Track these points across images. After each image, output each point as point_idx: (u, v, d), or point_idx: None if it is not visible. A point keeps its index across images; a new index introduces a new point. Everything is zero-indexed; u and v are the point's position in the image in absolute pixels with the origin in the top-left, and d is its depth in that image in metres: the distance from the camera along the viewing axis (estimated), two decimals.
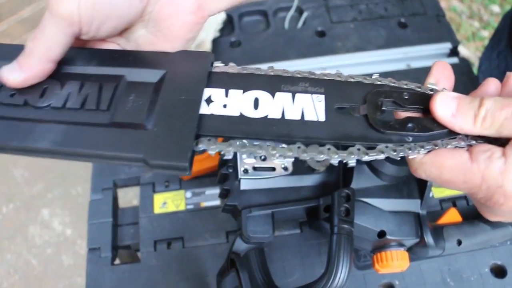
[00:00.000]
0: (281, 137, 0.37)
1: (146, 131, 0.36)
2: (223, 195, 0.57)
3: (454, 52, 0.93)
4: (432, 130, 0.38)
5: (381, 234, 0.57)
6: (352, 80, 0.41)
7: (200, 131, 0.37)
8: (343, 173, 0.59)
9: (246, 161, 0.55)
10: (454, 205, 0.74)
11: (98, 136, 0.37)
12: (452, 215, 0.65)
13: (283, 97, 0.39)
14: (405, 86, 0.40)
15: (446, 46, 0.92)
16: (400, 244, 0.58)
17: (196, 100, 0.37)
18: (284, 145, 0.37)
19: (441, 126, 0.38)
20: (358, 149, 0.37)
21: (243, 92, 0.39)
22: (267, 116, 0.38)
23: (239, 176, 0.55)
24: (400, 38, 0.93)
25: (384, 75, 0.85)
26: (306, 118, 0.38)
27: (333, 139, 0.37)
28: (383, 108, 0.39)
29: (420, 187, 0.59)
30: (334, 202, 0.53)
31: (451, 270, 0.69)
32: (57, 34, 0.38)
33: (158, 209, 0.75)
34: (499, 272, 0.69)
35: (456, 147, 0.38)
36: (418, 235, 0.58)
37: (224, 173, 0.56)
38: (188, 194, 0.76)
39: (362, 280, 0.68)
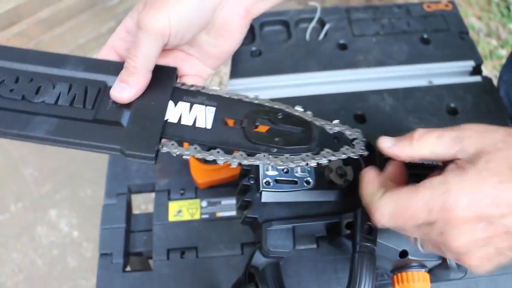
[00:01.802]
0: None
1: (123, 128, 0.44)
2: (243, 207, 0.56)
3: (476, 71, 0.91)
4: (295, 145, 0.47)
5: (403, 254, 0.55)
6: (235, 97, 0.50)
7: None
8: None
9: (269, 173, 0.54)
10: None
11: (84, 129, 0.44)
12: None
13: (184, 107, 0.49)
14: (276, 107, 0.49)
15: (469, 64, 0.91)
16: (422, 265, 0.57)
17: (162, 107, 0.46)
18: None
19: (304, 142, 0.48)
20: (241, 154, 0.46)
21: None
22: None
23: (261, 188, 0.54)
24: (422, 54, 0.92)
25: (405, 91, 0.86)
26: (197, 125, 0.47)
27: (216, 144, 0.46)
28: (256, 123, 0.48)
29: None
30: (357, 219, 0.52)
31: None
32: (153, 48, 0.44)
33: (172, 217, 0.74)
34: None
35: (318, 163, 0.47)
36: (440, 257, 0.56)
37: (245, 185, 0.55)
38: (204, 203, 0.75)
39: None
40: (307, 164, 0.47)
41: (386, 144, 0.47)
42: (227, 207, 0.74)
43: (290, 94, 0.85)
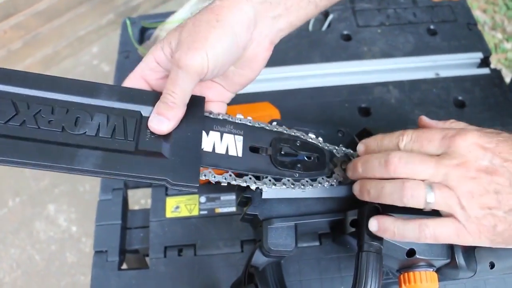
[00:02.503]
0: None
1: (166, 159, 0.46)
2: (242, 203, 0.54)
3: (485, 63, 0.89)
4: (312, 170, 0.52)
5: (411, 253, 0.53)
6: (257, 125, 0.53)
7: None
8: None
9: None
10: None
11: (129, 161, 0.45)
12: None
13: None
14: (293, 134, 0.54)
15: (477, 55, 0.88)
16: (429, 265, 0.55)
17: (198, 137, 0.48)
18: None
19: (320, 168, 0.53)
20: (269, 180, 0.49)
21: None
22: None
23: None
24: (429, 46, 0.89)
25: (411, 83, 0.83)
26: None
27: (248, 171, 0.49)
28: (282, 152, 0.52)
29: None
30: (363, 216, 0.49)
31: None
32: (191, 85, 0.46)
33: (170, 213, 0.72)
34: None
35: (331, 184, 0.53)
36: (449, 256, 0.54)
37: None
38: (203, 199, 0.73)
39: None
40: (323, 186, 0.52)
41: (362, 151, 0.53)
42: (227, 203, 0.72)
43: (293, 86, 0.83)
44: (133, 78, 0.51)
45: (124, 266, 0.72)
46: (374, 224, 0.48)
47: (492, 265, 0.57)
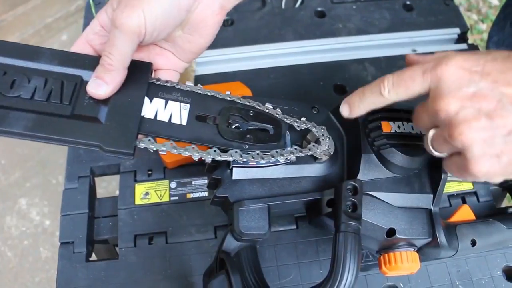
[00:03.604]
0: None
1: (101, 124, 0.45)
2: (212, 185, 0.51)
3: (462, 38, 0.87)
4: (265, 142, 0.49)
5: (390, 232, 0.51)
6: (209, 94, 0.50)
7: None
8: (349, 163, 0.53)
9: None
10: (464, 201, 0.69)
11: (63, 125, 0.44)
12: (464, 213, 0.61)
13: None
14: (248, 104, 0.51)
15: (454, 31, 0.87)
16: (410, 244, 0.53)
17: (139, 103, 0.47)
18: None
19: (274, 140, 0.50)
20: (214, 151, 0.47)
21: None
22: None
23: (232, 164, 0.49)
24: (405, 22, 0.88)
25: (388, 60, 0.81)
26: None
27: (191, 140, 0.47)
28: (229, 121, 0.49)
29: (433, 180, 0.54)
30: (339, 195, 0.47)
31: (461, 272, 0.63)
32: (128, 46, 0.44)
33: (139, 200, 0.68)
34: (511, 275, 0.64)
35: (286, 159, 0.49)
36: (430, 235, 0.53)
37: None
38: (173, 184, 0.69)
39: (364, 282, 0.62)
40: (276, 160, 0.49)
41: (347, 111, 0.49)
42: (199, 187, 0.69)
43: (266, 65, 0.81)
44: (79, 44, 0.50)
45: (94, 257, 0.68)
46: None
47: (473, 243, 0.55)
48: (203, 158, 0.46)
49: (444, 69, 0.41)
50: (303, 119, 0.52)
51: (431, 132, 0.44)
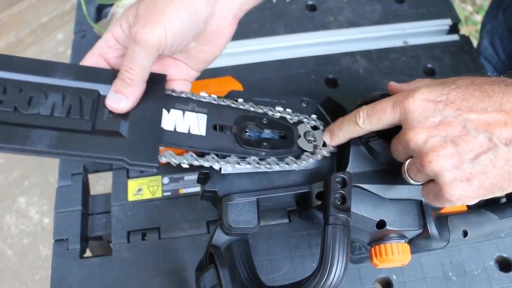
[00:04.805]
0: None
1: (123, 138, 0.45)
2: (201, 180, 0.51)
3: (454, 29, 0.87)
4: (280, 148, 0.51)
5: (381, 224, 0.51)
6: (223, 103, 0.51)
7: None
8: (338, 156, 0.53)
9: None
10: None
11: (85, 140, 0.44)
12: None
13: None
14: (260, 111, 0.52)
15: (446, 22, 0.86)
16: (401, 236, 0.53)
17: (158, 116, 0.47)
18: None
19: (287, 146, 0.51)
20: (233, 159, 0.48)
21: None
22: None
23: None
24: (397, 14, 0.87)
25: (379, 52, 0.81)
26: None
27: (211, 150, 0.48)
28: (246, 130, 0.51)
29: None
30: (328, 187, 0.47)
31: (453, 264, 0.64)
32: (149, 60, 0.45)
33: (132, 196, 0.69)
34: (504, 265, 0.65)
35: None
36: (421, 226, 0.53)
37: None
38: (166, 180, 0.70)
39: (357, 275, 0.62)
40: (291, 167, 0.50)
41: (328, 139, 0.52)
42: (191, 183, 0.70)
43: (256, 60, 0.81)
44: (91, 56, 0.49)
45: (89, 254, 0.68)
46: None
47: (465, 233, 0.55)
48: (223, 168, 0.48)
49: (410, 102, 0.44)
50: (313, 116, 0.54)
51: (406, 162, 0.46)
